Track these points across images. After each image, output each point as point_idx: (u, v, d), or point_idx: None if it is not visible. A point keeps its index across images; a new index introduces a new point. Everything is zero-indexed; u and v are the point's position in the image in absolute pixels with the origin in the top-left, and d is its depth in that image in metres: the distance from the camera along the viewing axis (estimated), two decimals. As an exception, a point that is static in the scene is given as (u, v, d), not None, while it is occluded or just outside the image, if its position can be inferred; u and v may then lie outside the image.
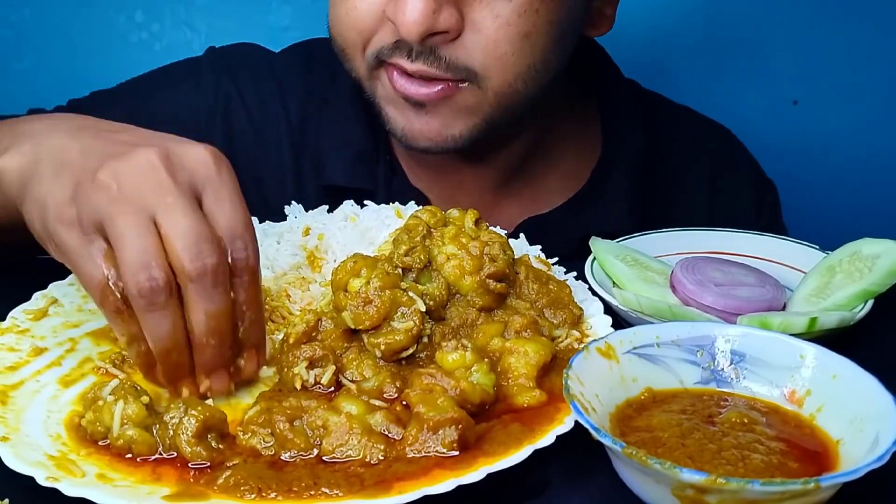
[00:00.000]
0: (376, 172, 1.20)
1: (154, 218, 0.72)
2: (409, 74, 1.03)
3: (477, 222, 0.87)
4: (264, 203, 1.17)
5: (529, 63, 1.04)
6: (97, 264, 0.73)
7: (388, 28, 1.02)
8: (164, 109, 1.21)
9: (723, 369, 0.76)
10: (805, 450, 0.67)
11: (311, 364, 0.77)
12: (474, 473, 0.65)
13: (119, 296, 0.73)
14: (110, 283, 0.73)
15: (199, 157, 0.76)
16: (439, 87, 1.03)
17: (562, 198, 1.23)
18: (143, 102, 1.22)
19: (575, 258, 0.98)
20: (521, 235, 0.98)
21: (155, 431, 0.71)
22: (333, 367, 0.77)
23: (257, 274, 0.76)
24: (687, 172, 1.31)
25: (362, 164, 1.20)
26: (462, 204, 1.20)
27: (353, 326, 0.78)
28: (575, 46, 1.13)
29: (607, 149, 1.25)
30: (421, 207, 0.90)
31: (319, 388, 0.77)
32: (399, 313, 0.78)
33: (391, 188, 1.20)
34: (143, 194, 0.73)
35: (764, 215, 1.32)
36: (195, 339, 0.74)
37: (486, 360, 0.76)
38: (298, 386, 0.77)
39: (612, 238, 1.02)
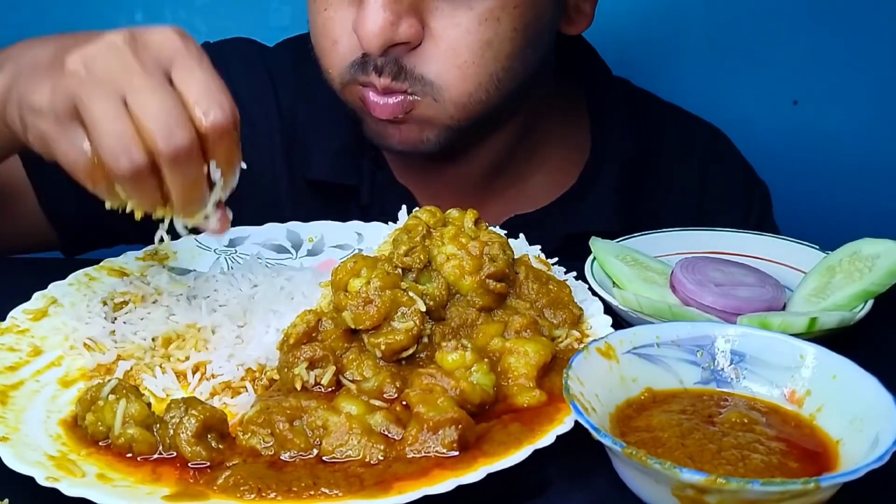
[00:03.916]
0: (361, 167, 1.21)
1: (125, 100, 0.75)
2: (377, 92, 1.04)
3: (477, 222, 0.87)
4: (258, 195, 1.17)
5: (491, 72, 1.04)
6: (78, 148, 0.76)
7: (355, 41, 1.03)
8: None
9: (723, 369, 0.76)
10: (805, 450, 0.67)
11: (312, 364, 0.77)
12: (474, 473, 0.65)
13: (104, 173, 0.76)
14: (91, 166, 0.76)
15: (163, 34, 0.78)
16: (397, 98, 1.03)
17: (549, 196, 1.23)
18: None
19: (559, 255, 0.98)
20: (522, 235, 0.98)
21: (155, 431, 0.72)
22: (334, 368, 0.77)
23: (236, 134, 0.79)
24: (676, 171, 1.30)
25: (347, 158, 1.21)
26: (445, 201, 1.22)
27: (353, 326, 0.78)
28: (550, 46, 1.13)
29: (597, 148, 1.24)
30: (420, 207, 0.90)
31: (319, 388, 0.77)
32: (399, 313, 0.78)
33: (375, 183, 1.21)
34: (111, 77, 0.75)
35: (753, 215, 1.32)
36: (175, 204, 0.78)
37: (486, 360, 0.76)
38: (299, 386, 0.76)
39: (599, 237, 1.02)
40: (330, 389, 0.77)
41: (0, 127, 0.87)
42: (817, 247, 1.01)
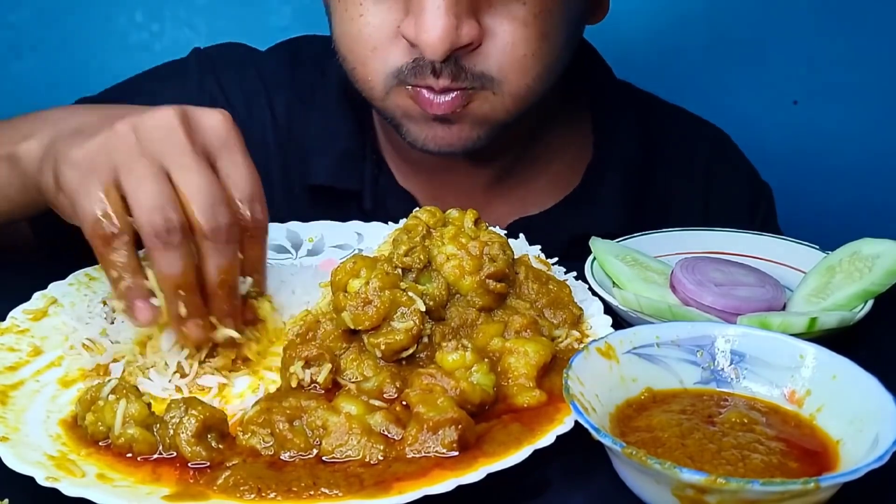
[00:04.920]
0: (362, 172, 1.19)
1: (169, 175, 0.76)
2: (433, 90, 1.01)
3: (476, 222, 0.87)
4: None
5: (547, 63, 1.03)
6: (95, 197, 0.76)
7: (403, 45, 1.00)
8: None
9: (723, 369, 0.76)
10: (805, 450, 0.67)
11: (308, 363, 0.77)
12: (474, 473, 0.65)
13: (109, 231, 0.75)
14: (102, 223, 0.75)
15: (215, 121, 0.81)
16: (454, 94, 1.01)
17: (553, 199, 1.23)
18: (129, 104, 1.21)
19: (564, 258, 0.97)
20: (521, 235, 0.98)
21: (155, 431, 0.72)
22: (329, 366, 0.77)
23: (266, 234, 0.82)
24: (681, 173, 1.30)
25: (348, 163, 1.19)
26: (450, 205, 1.20)
27: (352, 327, 0.78)
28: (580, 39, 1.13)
29: (599, 150, 1.24)
30: (420, 208, 0.90)
31: (316, 387, 0.77)
32: (399, 313, 0.78)
33: (377, 188, 1.20)
34: (160, 150, 0.77)
35: (758, 217, 1.32)
36: (209, 289, 0.79)
37: (486, 360, 0.76)
38: (294, 384, 0.77)
39: (605, 238, 1.02)
40: (327, 389, 0.77)
41: (30, 189, 0.89)
42: (817, 247, 1.01)
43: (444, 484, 0.64)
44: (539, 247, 0.97)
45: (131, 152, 0.77)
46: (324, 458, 0.69)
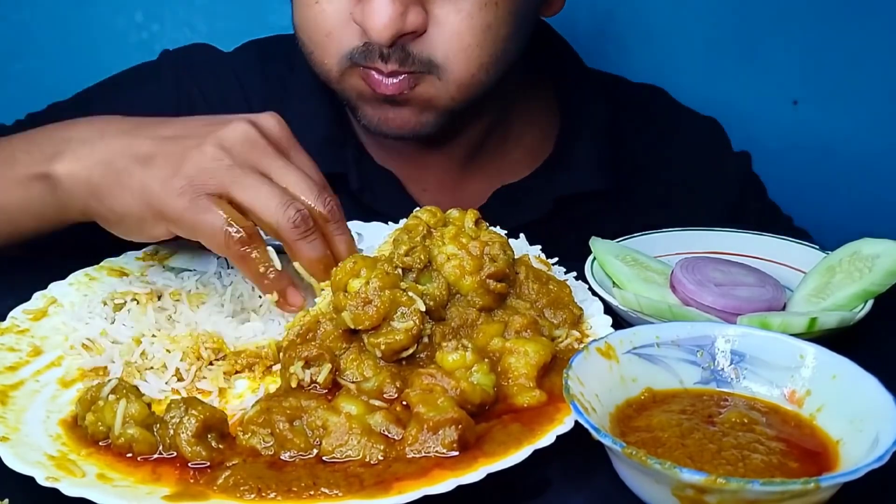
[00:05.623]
0: (345, 155, 1.22)
1: (270, 178, 0.86)
2: (382, 73, 1.05)
3: (477, 222, 0.87)
4: None
5: (491, 53, 1.07)
6: (215, 212, 0.83)
7: (355, 30, 1.04)
8: (129, 112, 1.15)
9: (723, 369, 0.76)
10: (805, 450, 0.67)
11: (308, 363, 0.77)
12: (474, 473, 0.65)
13: (240, 236, 0.83)
14: (231, 231, 0.83)
15: (276, 124, 0.91)
16: (402, 77, 1.05)
17: (529, 169, 1.26)
18: (105, 108, 1.16)
19: (547, 222, 0.98)
20: (522, 235, 0.98)
21: (155, 431, 0.72)
22: (329, 366, 0.77)
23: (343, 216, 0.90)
24: (646, 138, 1.33)
25: (331, 148, 1.22)
26: (429, 181, 1.23)
27: (352, 327, 0.78)
28: (532, 30, 1.16)
29: (567, 120, 1.27)
30: (421, 207, 0.90)
31: (316, 387, 0.77)
32: (399, 313, 0.78)
33: (361, 170, 1.22)
34: (254, 160, 0.86)
35: (744, 161, 1.36)
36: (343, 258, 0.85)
37: (486, 360, 0.76)
38: (294, 384, 0.77)
39: (585, 201, 1.03)
40: (327, 389, 0.77)
41: (71, 211, 0.92)
42: (817, 247, 1.01)
43: (444, 484, 0.64)
44: (539, 247, 0.97)
45: (233, 168, 0.85)
46: (324, 458, 0.69)
